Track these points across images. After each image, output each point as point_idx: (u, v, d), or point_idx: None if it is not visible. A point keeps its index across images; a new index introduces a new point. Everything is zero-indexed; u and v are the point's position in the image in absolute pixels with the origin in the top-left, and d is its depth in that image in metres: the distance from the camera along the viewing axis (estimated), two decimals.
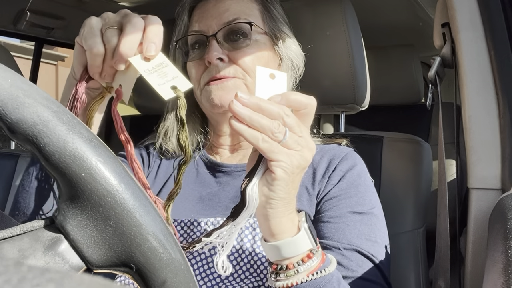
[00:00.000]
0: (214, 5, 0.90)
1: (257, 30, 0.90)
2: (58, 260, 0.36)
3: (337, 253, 0.75)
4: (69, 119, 0.37)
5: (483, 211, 0.71)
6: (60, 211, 0.37)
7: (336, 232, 0.77)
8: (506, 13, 0.74)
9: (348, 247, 0.76)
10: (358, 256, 0.75)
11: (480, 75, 0.74)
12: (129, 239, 0.37)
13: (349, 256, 0.75)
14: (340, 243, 0.76)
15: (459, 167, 1.14)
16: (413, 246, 1.00)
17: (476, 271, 0.71)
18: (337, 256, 0.74)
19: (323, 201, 0.82)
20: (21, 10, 1.54)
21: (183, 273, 0.39)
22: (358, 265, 0.75)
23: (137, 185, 0.38)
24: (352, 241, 0.76)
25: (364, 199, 0.82)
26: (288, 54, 0.94)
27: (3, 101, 0.35)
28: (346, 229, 0.77)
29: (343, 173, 0.84)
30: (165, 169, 0.94)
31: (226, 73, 0.86)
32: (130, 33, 0.60)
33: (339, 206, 0.80)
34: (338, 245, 0.76)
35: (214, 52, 0.85)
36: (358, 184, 0.83)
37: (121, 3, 1.70)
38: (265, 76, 0.59)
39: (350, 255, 0.75)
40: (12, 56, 1.71)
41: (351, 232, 0.77)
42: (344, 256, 0.75)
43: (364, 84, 1.09)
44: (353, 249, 0.76)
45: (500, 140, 0.72)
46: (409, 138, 1.06)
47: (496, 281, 0.51)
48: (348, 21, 1.06)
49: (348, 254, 0.75)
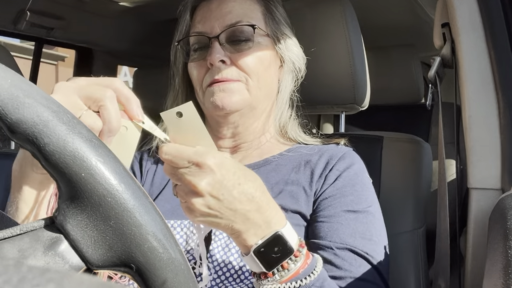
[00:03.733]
0: (217, 6, 0.90)
1: (260, 33, 0.90)
2: (58, 260, 0.36)
3: (330, 253, 0.75)
4: (69, 119, 0.37)
5: (483, 211, 0.71)
6: (60, 211, 0.37)
7: (329, 232, 0.77)
8: (506, 13, 0.74)
9: (341, 246, 0.75)
10: (351, 255, 0.75)
11: (480, 75, 0.74)
12: (129, 239, 0.37)
13: (342, 255, 0.75)
14: (333, 243, 0.76)
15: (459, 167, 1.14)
16: (413, 246, 1.00)
17: (476, 271, 0.71)
18: (330, 256, 0.74)
19: (319, 200, 0.82)
20: (21, 10, 1.53)
21: (183, 273, 0.39)
22: (351, 264, 0.74)
23: (137, 185, 0.38)
24: (345, 240, 0.76)
25: (360, 198, 0.81)
26: (290, 56, 0.94)
27: (3, 101, 0.35)
28: (340, 228, 0.77)
29: (339, 172, 0.84)
30: (161, 175, 0.93)
31: (228, 75, 0.86)
32: (114, 107, 0.56)
33: (334, 205, 0.80)
34: (330, 245, 0.75)
35: (217, 55, 0.85)
36: (354, 183, 0.83)
37: (121, 3, 1.70)
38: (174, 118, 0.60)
39: (343, 254, 0.75)
40: (12, 56, 1.71)
41: (345, 231, 0.77)
42: (336, 255, 0.75)
43: (364, 84, 1.09)
44: (346, 248, 0.75)
45: (500, 140, 0.72)
46: (409, 138, 1.06)
47: (496, 281, 0.51)
48: (348, 21, 1.06)
49: (341, 253, 0.75)
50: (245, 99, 0.87)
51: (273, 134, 0.96)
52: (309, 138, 0.97)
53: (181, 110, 0.59)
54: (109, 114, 0.55)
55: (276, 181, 0.86)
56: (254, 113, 0.91)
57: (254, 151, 0.93)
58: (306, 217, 0.81)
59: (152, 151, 0.96)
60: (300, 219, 0.81)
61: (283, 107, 0.95)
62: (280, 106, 0.95)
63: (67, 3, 1.61)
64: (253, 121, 0.92)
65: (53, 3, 1.59)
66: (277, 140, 0.96)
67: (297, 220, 0.81)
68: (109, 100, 0.55)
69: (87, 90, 0.55)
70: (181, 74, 0.96)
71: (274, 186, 0.84)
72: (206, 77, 0.88)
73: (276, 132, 0.96)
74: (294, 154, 0.90)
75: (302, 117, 1.00)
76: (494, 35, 0.73)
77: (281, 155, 0.91)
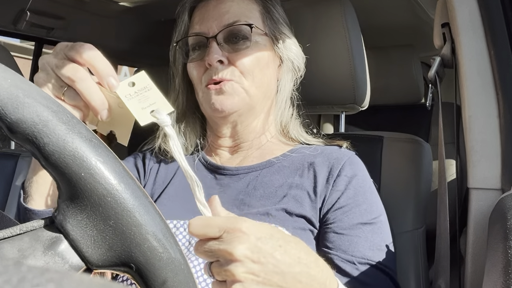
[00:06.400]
0: (214, 6, 0.90)
1: (258, 32, 0.90)
2: (58, 260, 0.36)
3: (352, 268, 0.76)
4: (68, 119, 0.37)
5: (483, 211, 0.71)
6: (60, 210, 0.37)
7: (350, 246, 0.78)
8: (506, 13, 0.74)
9: (363, 261, 0.77)
10: (373, 270, 0.77)
11: (480, 75, 0.74)
12: (129, 238, 0.37)
13: (364, 271, 0.76)
14: (355, 258, 0.77)
15: (459, 167, 1.14)
16: (413, 246, 1.00)
17: (476, 271, 0.71)
18: (353, 271, 0.76)
19: (332, 210, 0.82)
20: (21, 10, 1.53)
21: (183, 273, 0.39)
22: (373, 279, 0.76)
23: (137, 185, 0.38)
24: (365, 254, 0.78)
25: (371, 206, 0.83)
26: (289, 56, 0.94)
27: (3, 101, 0.35)
28: (359, 242, 0.78)
29: (348, 179, 0.84)
30: (164, 175, 0.94)
31: (226, 75, 0.86)
32: (88, 86, 0.57)
33: (350, 216, 0.81)
34: (353, 259, 0.77)
35: (215, 55, 0.85)
36: (365, 191, 0.84)
37: (121, 3, 1.70)
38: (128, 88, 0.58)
39: (365, 269, 0.77)
40: (12, 56, 1.71)
41: (364, 245, 0.78)
42: (359, 270, 0.76)
43: (364, 84, 1.09)
44: (367, 263, 0.77)
45: (500, 140, 0.72)
46: (409, 138, 1.06)
47: (496, 281, 0.51)
48: (348, 21, 1.06)
49: (363, 268, 0.77)
50: (243, 99, 0.87)
51: (274, 133, 0.96)
52: (311, 138, 0.96)
53: (133, 80, 0.59)
54: (84, 94, 0.56)
55: (280, 184, 0.85)
56: (252, 112, 0.91)
57: (255, 151, 0.93)
58: (311, 221, 0.81)
59: (155, 151, 0.96)
60: (305, 223, 0.81)
61: (283, 106, 0.95)
62: (279, 105, 0.95)
63: (67, 3, 1.61)
64: (252, 120, 0.92)
65: (53, 3, 1.59)
66: (278, 140, 0.95)
67: (302, 224, 0.81)
68: (79, 82, 0.57)
69: (61, 71, 0.57)
70: (181, 74, 0.96)
71: (278, 189, 0.84)
72: (204, 77, 0.88)
73: (277, 132, 0.96)
74: (297, 155, 0.90)
75: (303, 117, 1.00)
76: (494, 35, 0.73)
77: (283, 156, 0.90)
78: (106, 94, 0.58)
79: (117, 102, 0.59)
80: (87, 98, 0.57)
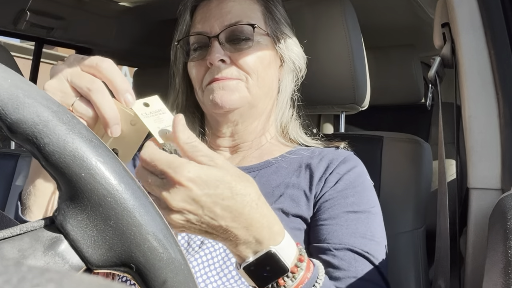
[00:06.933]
0: (216, 5, 0.90)
1: (259, 32, 0.90)
2: (58, 260, 0.36)
3: (328, 255, 0.75)
4: (69, 119, 0.37)
5: (483, 211, 0.71)
6: (60, 211, 0.37)
7: (328, 234, 0.77)
8: (506, 13, 0.74)
9: (339, 247, 0.75)
10: (350, 254, 0.75)
11: (480, 75, 0.74)
12: (129, 239, 0.37)
13: (341, 256, 0.75)
14: (331, 244, 0.76)
15: (459, 167, 1.14)
16: (413, 246, 1.00)
17: (476, 271, 0.71)
18: (328, 257, 0.74)
19: (319, 203, 0.81)
20: (21, 10, 1.53)
21: (183, 273, 0.39)
22: (350, 264, 0.74)
23: (137, 185, 0.38)
24: (343, 240, 0.76)
25: (361, 199, 0.81)
26: (290, 56, 0.94)
27: (3, 101, 0.35)
28: (339, 230, 0.77)
29: (340, 175, 0.84)
30: None
31: (228, 74, 0.86)
32: (103, 98, 0.56)
33: (334, 208, 0.80)
34: (329, 246, 0.76)
35: (216, 54, 0.85)
36: (356, 185, 0.83)
37: (121, 3, 1.70)
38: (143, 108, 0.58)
39: (342, 254, 0.75)
40: (12, 56, 1.71)
41: (344, 232, 0.77)
42: (335, 256, 0.75)
43: (364, 84, 1.09)
44: (345, 248, 0.75)
45: (500, 140, 0.72)
46: (409, 138, 1.06)
47: (496, 281, 0.51)
48: (348, 21, 1.06)
49: (339, 253, 0.75)
50: (244, 97, 0.87)
51: (274, 134, 0.96)
52: (310, 139, 0.96)
53: (147, 101, 0.59)
54: (98, 106, 0.55)
55: (277, 184, 0.85)
56: (254, 112, 0.91)
57: (254, 152, 0.93)
58: (307, 221, 0.81)
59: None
60: (301, 223, 0.81)
61: (284, 106, 0.95)
62: (281, 106, 0.95)
63: (67, 3, 1.61)
64: (253, 120, 0.92)
65: (53, 3, 1.59)
66: (277, 141, 0.95)
67: (298, 224, 0.81)
68: (95, 93, 0.55)
69: (76, 80, 0.56)
70: (182, 73, 0.96)
71: (275, 189, 0.84)
72: (206, 77, 0.88)
73: (276, 133, 0.96)
74: (295, 157, 0.90)
75: (303, 118, 1.00)
76: (494, 35, 0.73)
77: (282, 157, 0.90)
78: (120, 109, 0.57)
79: (130, 119, 0.58)
80: (101, 109, 0.55)
